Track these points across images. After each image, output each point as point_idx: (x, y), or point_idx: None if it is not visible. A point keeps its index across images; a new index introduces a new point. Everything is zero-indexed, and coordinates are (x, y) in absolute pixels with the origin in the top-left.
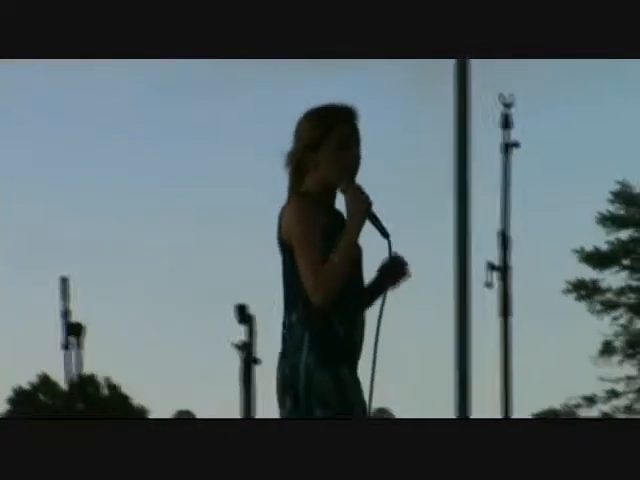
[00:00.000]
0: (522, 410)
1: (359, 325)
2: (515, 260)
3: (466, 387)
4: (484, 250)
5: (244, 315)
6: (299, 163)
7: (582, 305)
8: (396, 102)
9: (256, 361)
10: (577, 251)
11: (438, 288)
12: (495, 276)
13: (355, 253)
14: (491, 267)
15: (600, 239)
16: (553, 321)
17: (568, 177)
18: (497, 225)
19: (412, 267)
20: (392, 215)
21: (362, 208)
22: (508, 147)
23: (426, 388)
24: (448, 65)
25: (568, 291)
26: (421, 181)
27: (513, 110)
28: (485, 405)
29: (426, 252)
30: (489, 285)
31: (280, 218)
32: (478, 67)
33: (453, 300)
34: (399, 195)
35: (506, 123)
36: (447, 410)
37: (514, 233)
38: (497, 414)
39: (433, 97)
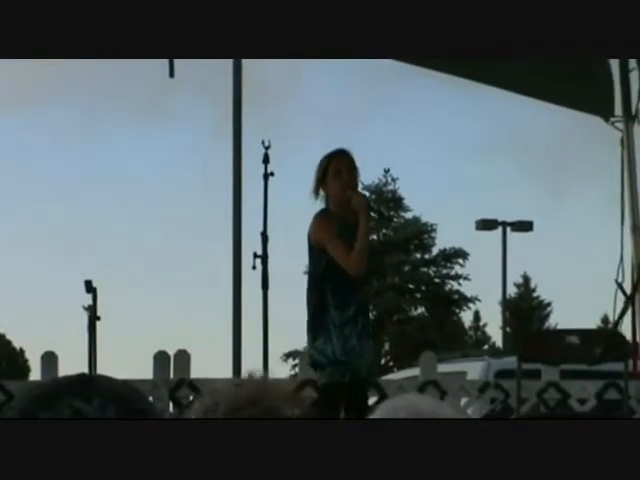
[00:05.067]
0: None
1: None
2: (271, 251)
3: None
4: (253, 244)
5: (90, 287)
6: (317, 192)
7: None
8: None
9: (99, 318)
10: None
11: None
12: (259, 261)
13: (368, 236)
14: (255, 255)
15: None
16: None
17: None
18: (261, 228)
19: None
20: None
21: (363, 204)
22: (267, 176)
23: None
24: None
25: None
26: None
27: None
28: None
29: (208, 247)
30: (254, 267)
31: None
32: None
33: (232, 277)
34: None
35: (266, 159)
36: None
37: (270, 232)
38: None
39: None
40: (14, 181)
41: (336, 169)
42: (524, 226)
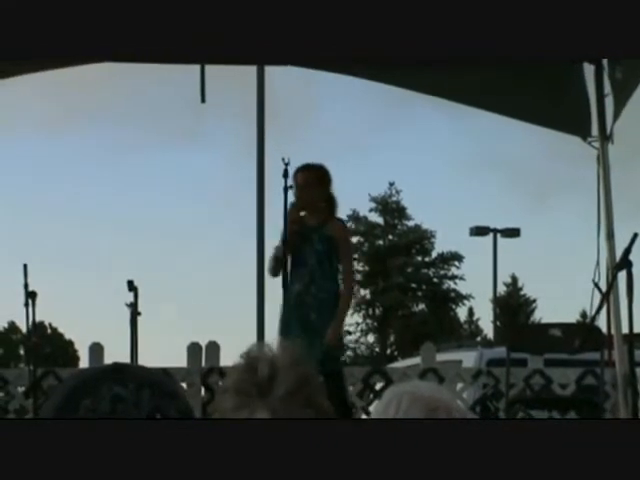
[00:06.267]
0: None
1: None
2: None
3: (264, 338)
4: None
5: (132, 286)
6: None
7: None
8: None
9: (139, 313)
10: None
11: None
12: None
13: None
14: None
15: None
16: None
17: None
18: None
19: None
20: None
21: (292, 228)
22: (287, 189)
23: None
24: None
25: None
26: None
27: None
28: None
29: (235, 251)
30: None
31: None
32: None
33: (256, 278)
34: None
35: (285, 174)
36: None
37: None
38: None
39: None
40: (66, 197)
41: (295, 183)
42: (512, 233)
